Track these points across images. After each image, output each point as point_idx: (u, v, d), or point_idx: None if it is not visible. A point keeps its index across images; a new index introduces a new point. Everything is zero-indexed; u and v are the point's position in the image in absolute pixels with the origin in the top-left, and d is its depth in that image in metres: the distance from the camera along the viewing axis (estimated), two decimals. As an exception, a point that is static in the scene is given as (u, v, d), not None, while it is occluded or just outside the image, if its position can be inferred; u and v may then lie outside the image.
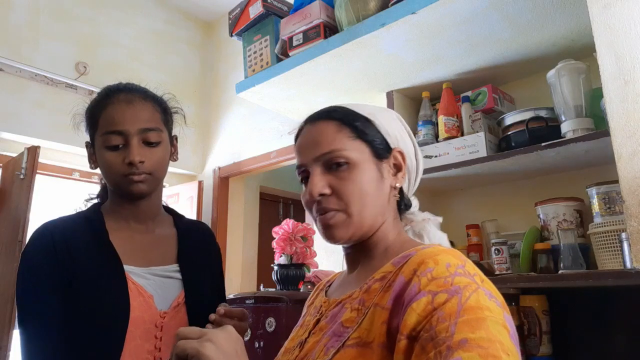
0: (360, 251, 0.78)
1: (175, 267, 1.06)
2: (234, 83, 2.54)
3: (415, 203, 0.84)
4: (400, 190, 0.80)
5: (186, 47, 3.77)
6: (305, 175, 0.77)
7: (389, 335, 0.60)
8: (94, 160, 1.07)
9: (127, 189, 1.00)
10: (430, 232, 0.81)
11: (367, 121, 0.77)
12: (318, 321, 0.76)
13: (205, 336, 0.57)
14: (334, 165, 0.74)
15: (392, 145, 0.78)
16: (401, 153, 0.79)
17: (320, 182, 0.73)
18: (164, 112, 1.11)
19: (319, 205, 0.74)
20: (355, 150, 0.74)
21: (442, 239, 0.81)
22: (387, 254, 0.73)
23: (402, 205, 0.81)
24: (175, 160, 1.14)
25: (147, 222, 1.08)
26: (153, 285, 1.01)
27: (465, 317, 0.55)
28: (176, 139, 1.15)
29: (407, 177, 0.81)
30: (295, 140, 0.82)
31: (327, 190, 0.73)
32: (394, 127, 0.80)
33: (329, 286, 0.87)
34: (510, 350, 0.54)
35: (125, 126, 0.99)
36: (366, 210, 0.73)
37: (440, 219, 0.84)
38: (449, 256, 0.64)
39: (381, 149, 0.77)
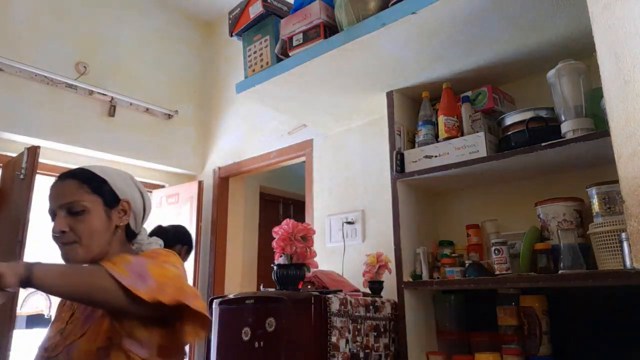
0: None
1: None
2: (234, 83, 2.54)
3: (144, 233, 1.20)
4: (128, 226, 1.13)
5: (186, 47, 3.77)
6: (52, 217, 1.06)
7: None
8: None
9: None
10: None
11: (102, 181, 1.09)
12: (73, 314, 1.07)
13: None
14: (73, 211, 1.04)
15: (120, 197, 1.11)
16: (127, 202, 1.12)
17: (61, 223, 1.03)
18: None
19: (60, 239, 1.04)
20: (90, 202, 1.06)
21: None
22: None
23: (130, 235, 1.15)
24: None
25: None
26: None
27: (150, 260, 0.99)
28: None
29: (134, 217, 1.14)
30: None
31: (66, 229, 1.03)
32: (124, 185, 1.13)
33: None
34: (170, 271, 1.00)
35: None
36: (94, 242, 1.05)
37: (160, 242, 1.21)
38: (152, 251, 1.08)
39: (111, 200, 1.09)
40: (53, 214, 1.07)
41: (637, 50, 1.06)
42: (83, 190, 1.06)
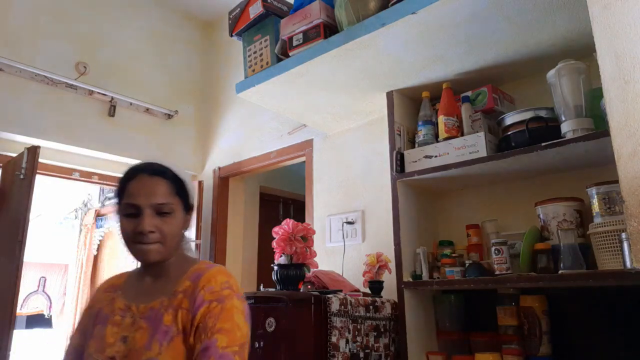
0: (154, 267, 1.10)
1: None
2: (234, 83, 2.54)
3: (186, 234, 1.20)
4: None
5: (186, 47, 3.77)
6: (133, 212, 1.04)
7: (190, 325, 0.99)
8: None
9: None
10: (191, 251, 1.19)
11: (184, 184, 1.12)
12: (134, 321, 1.04)
13: None
14: (162, 212, 1.05)
15: (191, 201, 1.14)
16: (194, 206, 1.15)
17: (150, 222, 1.03)
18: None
19: (144, 237, 1.03)
20: (176, 204, 1.08)
21: (191, 252, 1.20)
22: (170, 269, 1.09)
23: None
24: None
25: None
26: None
27: (222, 315, 0.98)
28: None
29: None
30: (125, 181, 1.08)
31: (154, 229, 1.03)
32: (192, 188, 1.15)
33: (120, 291, 1.14)
34: (242, 327, 0.99)
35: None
36: (173, 244, 1.08)
37: (193, 242, 1.18)
38: (221, 276, 1.05)
39: (187, 204, 1.12)
40: (135, 209, 1.04)
41: (637, 50, 1.06)
42: (171, 192, 1.07)
